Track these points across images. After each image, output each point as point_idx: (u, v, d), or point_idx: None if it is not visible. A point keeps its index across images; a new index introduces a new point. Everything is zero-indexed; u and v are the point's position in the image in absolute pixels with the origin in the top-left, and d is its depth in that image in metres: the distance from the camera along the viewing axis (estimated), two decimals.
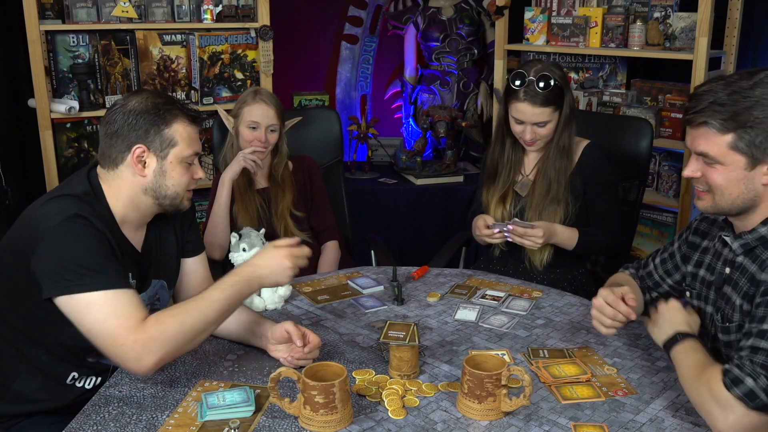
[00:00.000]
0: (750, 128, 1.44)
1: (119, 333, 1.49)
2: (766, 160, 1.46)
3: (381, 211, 3.69)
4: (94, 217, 1.59)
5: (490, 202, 2.43)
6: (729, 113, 1.45)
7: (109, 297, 1.52)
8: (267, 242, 2.05)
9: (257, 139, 2.53)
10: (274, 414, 1.50)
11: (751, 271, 1.52)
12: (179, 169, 1.70)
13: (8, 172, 3.11)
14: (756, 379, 1.37)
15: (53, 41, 3.04)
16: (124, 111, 1.66)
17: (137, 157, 1.65)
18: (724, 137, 1.47)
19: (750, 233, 1.53)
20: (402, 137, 4.42)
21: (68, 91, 3.10)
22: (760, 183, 1.49)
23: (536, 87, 2.23)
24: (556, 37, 3.45)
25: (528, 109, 2.25)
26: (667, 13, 3.20)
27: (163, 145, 1.67)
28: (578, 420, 1.49)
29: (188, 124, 1.70)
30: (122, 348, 1.49)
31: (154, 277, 1.79)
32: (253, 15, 3.34)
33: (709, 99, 1.47)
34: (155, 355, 1.49)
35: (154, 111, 1.66)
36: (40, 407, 1.69)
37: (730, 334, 1.57)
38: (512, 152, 2.42)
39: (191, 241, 1.91)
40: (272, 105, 2.55)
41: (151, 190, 1.69)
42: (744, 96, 1.44)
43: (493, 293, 2.11)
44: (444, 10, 4.11)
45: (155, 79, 3.22)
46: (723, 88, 1.47)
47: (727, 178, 1.50)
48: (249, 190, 2.59)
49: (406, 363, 1.63)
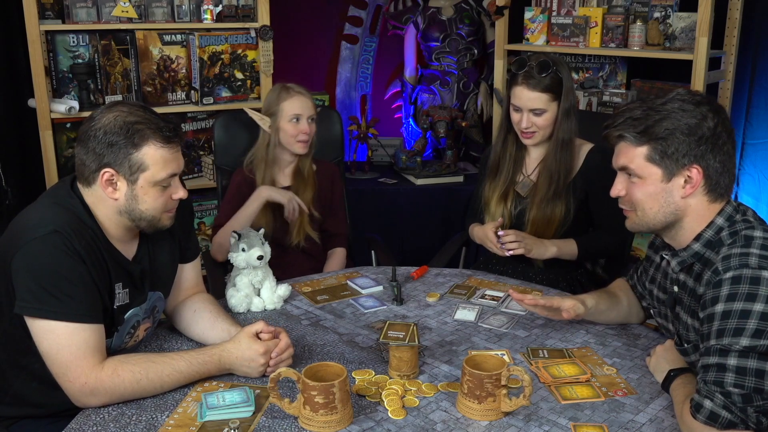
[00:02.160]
0: (662, 139, 1.51)
1: (70, 369, 1.50)
2: (681, 173, 1.52)
3: (381, 211, 3.69)
4: (76, 233, 1.53)
5: (491, 199, 2.42)
6: (642, 126, 1.53)
7: (70, 330, 1.50)
8: (266, 242, 2.05)
9: (302, 131, 2.54)
10: (274, 414, 1.50)
11: (691, 287, 1.55)
12: (152, 193, 1.61)
13: (8, 172, 3.11)
14: (712, 399, 1.37)
15: (53, 41, 3.04)
16: (95, 129, 1.57)
17: (106, 180, 1.58)
18: (639, 149, 1.54)
19: (685, 250, 1.57)
20: (402, 137, 4.42)
21: (68, 91, 3.10)
22: (678, 196, 1.53)
23: (534, 72, 2.24)
24: (556, 37, 3.45)
25: (525, 93, 2.26)
26: (667, 13, 3.20)
27: (132, 169, 1.57)
28: (578, 420, 1.49)
29: (161, 146, 1.59)
30: (69, 384, 1.52)
31: (151, 289, 1.74)
32: (253, 15, 3.34)
33: (626, 115, 1.56)
34: (99, 400, 1.52)
35: (124, 132, 1.56)
36: (39, 411, 1.69)
37: (689, 355, 1.58)
38: (514, 149, 2.42)
39: (190, 248, 1.88)
40: (308, 95, 2.60)
41: (125, 212, 1.61)
42: (656, 111, 1.53)
43: (493, 293, 2.11)
44: (444, 10, 4.11)
45: (155, 79, 3.22)
46: (639, 105, 1.57)
47: (646, 192, 1.56)
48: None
49: (405, 363, 1.63)
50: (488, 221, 2.42)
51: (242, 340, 1.64)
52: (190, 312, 1.83)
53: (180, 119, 3.34)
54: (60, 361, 1.51)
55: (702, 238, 1.54)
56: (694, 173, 1.51)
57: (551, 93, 2.27)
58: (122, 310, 1.66)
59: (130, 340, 1.73)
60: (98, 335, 1.55)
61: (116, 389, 1.51)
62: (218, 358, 1.62)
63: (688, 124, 1.49)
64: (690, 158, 1.50)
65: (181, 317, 1.84)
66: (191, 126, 3.40)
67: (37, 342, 1.53)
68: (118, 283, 1.64)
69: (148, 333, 1.80)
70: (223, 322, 1.77)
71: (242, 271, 2.01)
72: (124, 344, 1.71)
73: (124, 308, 1.66)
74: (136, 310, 1.70)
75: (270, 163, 2.58)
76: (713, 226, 1.53)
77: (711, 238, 1.53)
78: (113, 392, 1.52)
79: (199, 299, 1.86)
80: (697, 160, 1.50)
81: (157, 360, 1.57)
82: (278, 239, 2.56)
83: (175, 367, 1.57)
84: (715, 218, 1.53)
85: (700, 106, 1.50)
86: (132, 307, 1.69)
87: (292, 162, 2.63)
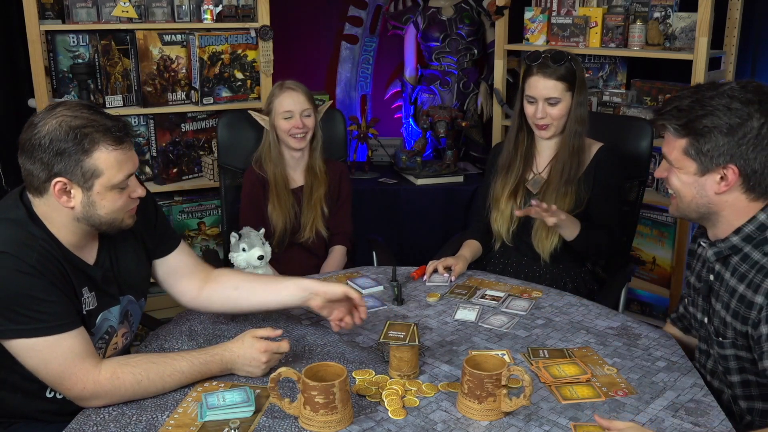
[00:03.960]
0: (700, 136, 1.49)
1: (64, 378, 1.48)
2: (716, 170, 1.51)
3: (381, 211, 3.69)
4: (25, 248, 1.46)
5: (501, 196, 2.44)
6: (684, 119, 1.51)
7: (50, 342, 1.46)
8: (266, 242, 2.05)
9: (294, 126, 2.60)
10: (274, 414, 1.50)
11: (729, 284, 1.54)
12: (110, 197, 1.54)
13: (8, 172, 3.11)
14: None
15: (53, 41, 3.04)
16: (40, 137, 1.47)
17: (59, 190, 1.49)
18: (678, 141, 1.54)
19: (723, 242, 1.57)
20: (402, 137, 4.41)
21: (68, 91, 3.10)
22: (712, 191, 1.53)
23: (549, 61, 2.28)
24: (556, 37, 3.45)
25: (540, 81, 2.29)
26: (667, 13, 3.20)
27: (86, 176, 1.49)
28: (578, 420, 1.49)
29: (113, 148, 1.50)
30: (68, 391, 1.50)
31: (120, 293, 1.69)
32: (253, 15, 3.33)
33: (674, 104, 1.54)
34: (101, 402, 1.51)
35: (72, 138, 1.46)
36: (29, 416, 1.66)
37: (725, 349, 1.59)
38: (525, 146, 2.43)
39: (164, 241, 1.81)
40: (300, 90, 2.64)
41: (83, 219, 1.54)
42: (701, 105, 1.50)
43: (493, 293, 2.11)
44: (444, 10, 4.11)
45: (155, 79, 3.21)
46: (689, 94, 1.53)
47: (681, 180, 1.56)
48: (285, 190, 2.65)
49: (406, 363, 1.63)
50: (496, 218, 2.45)
51: (245, 340, 1.63)
52: (229, 290, 1.81)
53: (180, 119, 3.34)
54: (51, 374, 1.49)
55: (742, 231, 1.53)
56: (730, 172, 1.50)
57: (566, 82, 2.29)
58: (92, 315, 1.61)
59: (106, 347, 1.68)
60: (81, 339, 1.51)
61: (117, 391, 1.51)
62: (220, 358, 1.62)
63: (730, 123, 1.47)
64: (726, 158, 1.49)
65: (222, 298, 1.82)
66: (191, 126, 3.39)
67: (22, 361, 1.49)
68: (84, 287, 1.58)
69: (127, 339, 1.76)
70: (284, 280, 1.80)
71: (243, 270, 2.00)
72: (100, 352, 1.64)
73: (93, 312, 1.61)
74: (106, 314, 1.65)
75: (276, 160, 2.66)
76: (755, 221, 1.52)
77: (751, 233, 1.52)
78: (114, 394, 1.51)
79: (227, 275, 1.84)
80: (734, 160, 1.48)
81: (158, 360, 1.57)
82: (291, 234, 2.64)
83: (176, 367, 1.56)
84: (758, 214, 1.52)
85: (748, 105, 1.47)
86: (101, 311, 1.63)
87: (302, 160, 2.69)
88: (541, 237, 2.36)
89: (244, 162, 2.81)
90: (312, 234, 2.66)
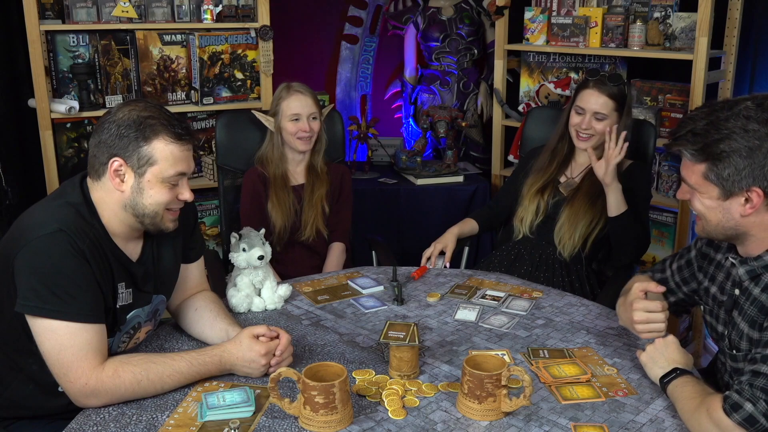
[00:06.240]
0: (719, 161, 1.45)
1: (71, 370, 1.50)
2: (740, 194, 1.46)
3: (381, 211, 3.69)
4: (80, 232, 1.53)
5: (528, 193, 2.54)
6: (700, 144, 1.47)
7: (72, 330, 1.49)
8: (266, 242, 2.05)
9: (301, 129, 2.62)
10: (274, 414, 1.50)
11: (758, 299, 1.50)
12: (158, 188, 1.60)
13: (8, 172, 3.11)
14: (755, 404, 1.36)
15: (53, 41, 3.03)
16: (111, 121, 1.59)
17: (114, 170, 1.58)
18: (697, 166, 1.49)
19: (756, 260, 1.52)
20: (402, 137, 4.41)
21: (68, 91, 3.10)
22: (738, 214, 1.48)
23: (606, 80, 2.45)
24: (556, 37, 3.45)
25: (594, 96, 2.43)
26: (667, 13, 3.20)
27: (140, 162, 1.58)
28: (578, 420, 1.49)
29: (171, 141, 1.59)
30: (70, 384, 1.51)
31: (155, 292, 1.74)
32: (253, 15, 3.33)
33: (688, 127, 1.49)
34: (100, 401, 1.52)
35: (136, 125, 1.57)
36: (33, 413, 1.68)
37: (738, 362, 1.57)
38: (563, 153, 2.56)
39: (194, 248, 1.88)
40: (308, 94, 2.67)
41: (129, 206, 1.60)
42: (717, 128, 1.45)
43: (493, 293, 2.11)
44: (444, 10, 4.11)
45: (155, 79, 3.21)
46: (704, 116, 1.48)
47: (703, 204, 1.52)
48: (285, 188, 2.67)
49: (406, 363, 1.63)
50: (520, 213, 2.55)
51: (243, 341, 1.64)
52: (191, 310, 1.83)
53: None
54: (62, 362, 1.51)
55: None
56: (754, 195, 1.45)
57: (616, 102, 2.44)
58: (125, 310, 1.66)
59: (129, 341, 1.72)
60: (100, 336, 1.54)
61: (117, 390, 1.51)
62: (219, 359, 1.62)
63: (749, 146, 1.41)
64: (749, 180, 1.43)
65: (184, 315, 1.84)
66: (191, 126, 3.39)
67: (39, 342, 1.52)
68: (121, 282, 1.63)
69: (148, 335, 1.80)
70: (221, 322, 1.77)
71: (243, 271, 2.01)
72: (123, 345, 1.71)
73: (126, 308, 1.66)
74: (138, 311, 1.69)
75: (278, 160, 2.68)
76: None
77: None
78: (114, 393, 1.51)
79: (202, 298, 1.86)
80: (757, 182, 1.43)
81: (157, 360, 1.57)
82: (291, 233, 2.65)
83: (175, 367, 1.57)
84: None
85: (766, 125, 1.41)
86: (134, 308, 1.68)
87: (303, 159, 2.71)
88: (563, 234, 2.45)
89: (244, 163, 2.81)
90: (312, 233, 2.66)
